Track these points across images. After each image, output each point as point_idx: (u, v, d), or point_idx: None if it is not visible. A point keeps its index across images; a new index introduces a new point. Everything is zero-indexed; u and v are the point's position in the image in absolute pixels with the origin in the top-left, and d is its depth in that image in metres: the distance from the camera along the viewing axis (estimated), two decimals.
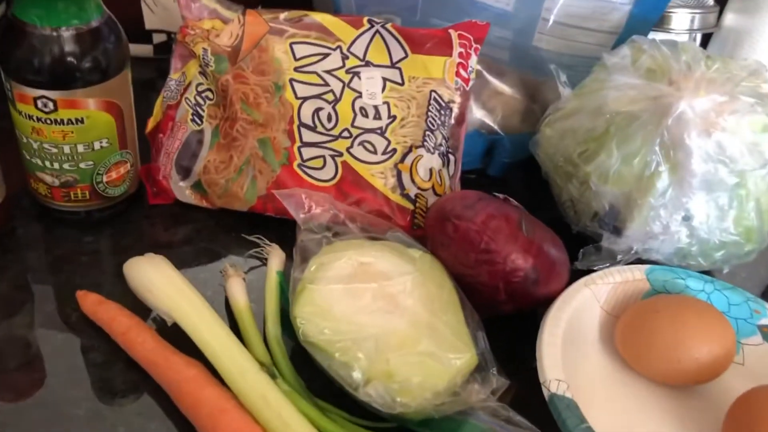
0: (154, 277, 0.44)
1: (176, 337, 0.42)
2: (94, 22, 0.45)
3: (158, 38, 0.69)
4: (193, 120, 0.54)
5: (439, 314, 0.42)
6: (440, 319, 0.42)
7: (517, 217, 0.46)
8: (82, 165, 0.48)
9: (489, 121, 0.59)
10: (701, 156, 0.44)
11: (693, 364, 0.43)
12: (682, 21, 0.72)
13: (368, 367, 0.39)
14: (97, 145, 0.48)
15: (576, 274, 0.48)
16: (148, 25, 0.68)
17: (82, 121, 0.46)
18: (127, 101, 0.49)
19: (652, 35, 0.62)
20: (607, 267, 0.48)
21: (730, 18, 0.73)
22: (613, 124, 0.48)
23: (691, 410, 0.44)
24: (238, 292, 0.46)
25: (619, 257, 0.49)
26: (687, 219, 0.46)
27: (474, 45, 0.55)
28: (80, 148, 0.47)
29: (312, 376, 0.42)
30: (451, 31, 0.55)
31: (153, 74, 0.70)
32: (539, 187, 0.57)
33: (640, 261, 0.49)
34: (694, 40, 0.74)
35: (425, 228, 0.49)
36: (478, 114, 0.59)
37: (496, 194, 0.49)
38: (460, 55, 0.54)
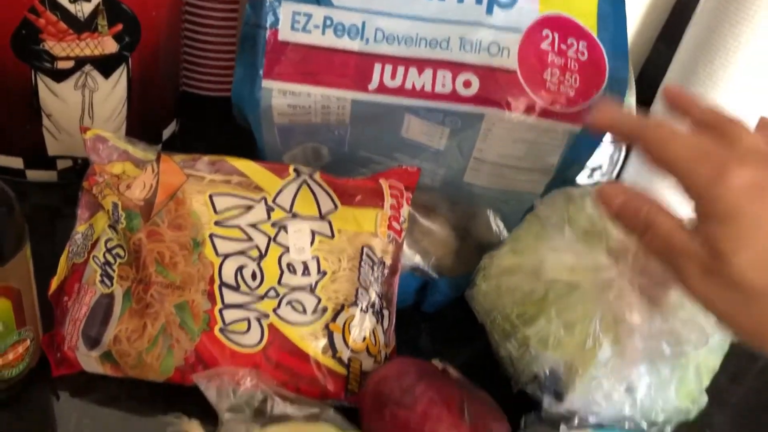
0: None
1: None
2: None
3: (63, 164, 0.64)
4: (102, 281, 0.49)
5: None
6: None
7: (458, 399, 0.43)
8: None
9: (422, 264, 0.56)
10: (642, 334, 0.43)
11: None
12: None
13: None
14: None
15: None
16: (51, 152, 0.62)
17: None
18: (26, 279, 0.44)
19: None
20: None
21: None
22: (552, 290, 0.46)
23: None
24: None
25: (561, 427, 0.47)
26: (630, 390, 0.45)
27: (405, 194, 0.52)
28: None
29: None
30: (381, 180, 0.52)
31: (57, 201, 0.64)
32: (475, 322, 0.55)
33: (582, 424, 0.48)
34: (619, 150, 0.75)
35: (360, 407, 0.45)
36: (409, 255, 0.56)
37: (435, 362, 0.47)
38: (392, 206, 0.52)
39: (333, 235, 0.51)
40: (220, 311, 0.48)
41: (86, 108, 0.61)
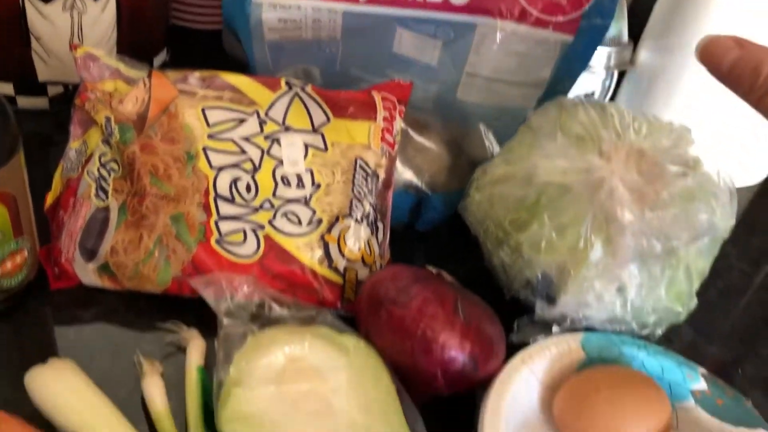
0: (60, 392, 0.39)
1: None
2: None
3: (54, 90, 0.63)
4: (97, 195, 0.49)
5: (376, 414, 0.40)
6: (378, 419, 0.40)
7: (453, 299, 0.44)
8: None
9: (416, 180, 0.57)
10: (633, 231, 0.44)
11: None
12: (599, 58, 0.73)
13: None
14: None
15: (512, 344, 0.47)
16: (41, 77, 0.62)
17: None
18: (21, 187, 0.44)
19: None
20: (543, 338, 0.47)
21: (644, 55, 0.74)
22: (545, 194, 0.47)
23: None
24: (155, 394, 0.43)
25: (554, 327, 0.48)
26: (621, 290, 0.46)
27: (398, 107, 0.52)
28: None
29: None
30: (374, 93, 0.52)
31: (50, 128, 0.64)
32: (469, 240, 0.55)
33: (574, 328, 0.49)
34: (611, 76, 0.75)
35: (357, 311, 0.46)
36: (403, 173, 0.57)
37: (429, 267, 0.48)
38: (385, 119, 0.52)
39: (326, 148, 0.51)
40: (216, 223, 0.49)
41: (75, 31, 0.60)
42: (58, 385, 0.40)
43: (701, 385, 0.47)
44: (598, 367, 0.47)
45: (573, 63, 0.55)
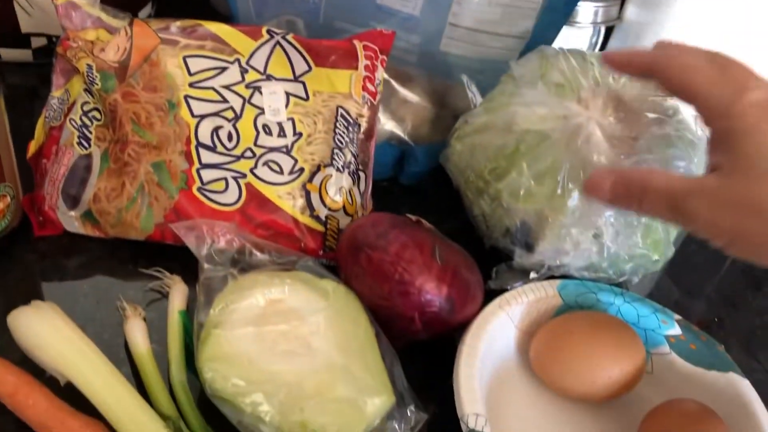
0: (42, 331, 0.40)
1: (75, 394, 0.39)
2: None
3: (37, 42, 0.63)
4: (79, 143, 0.49)
5: (354, 355, 0.40)
6: (356, 359, 0.40)
7: (431, 244, 0.44)
8: None
9: (399, 131, 0.57)
10: None
11: (607, 383, 0.44)
12: (586, 14, 0.73)
13: (282, 420, 0.37)
14: None
15: (490, 291, 0.48)
16: (24, 29, 0.62)
17: None
18: (2, 132, 0.44)
19: None
20: (521, 285, 0.48)
21: (631, 11, 0.74)
22: (523, 142, 0.47)
23: (607, 423, 0.45)
24: (137, 336, 0.43)
25: (531, 274, 0.48)
26: (597, 236, 0.46)
27: (380, 57, 0.52)
28: None
29: (224, 424, 0.40)
30: (355, 42, 0.52)
31: (34, 81, 0.64)
32: (452, 195, 0.56)
33: (552, 275, 0.50)
34: (598, 33, 0.75)
35: (337, 257, 0.47)
36: (387, 124, 0.57)
37: (409, 216, 0.48)
38: (366, 68, 0.52)
39: (307, 97, 0.51)
40: (198, 171, 0.49)
41: None
42: (41, 325, 0.40)
43: (676, 330, 0.48)
44: (574, 312, 0.47)
45: (556, 14, 0.55)
